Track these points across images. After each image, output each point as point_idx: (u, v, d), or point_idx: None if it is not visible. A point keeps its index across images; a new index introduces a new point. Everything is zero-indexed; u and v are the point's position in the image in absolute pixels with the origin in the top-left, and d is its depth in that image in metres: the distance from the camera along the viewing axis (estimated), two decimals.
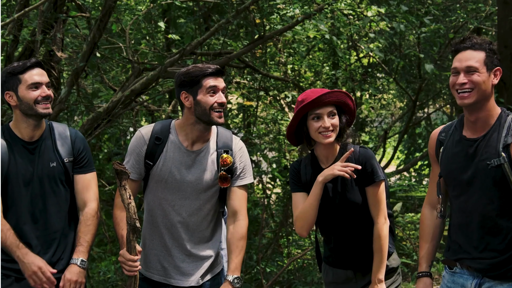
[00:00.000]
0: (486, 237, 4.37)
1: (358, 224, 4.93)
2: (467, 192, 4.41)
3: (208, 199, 4.90)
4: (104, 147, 13.81)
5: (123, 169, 4.27)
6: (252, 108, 12.66)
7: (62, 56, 9.63)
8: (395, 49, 12.85)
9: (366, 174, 4.82)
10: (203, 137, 4.87)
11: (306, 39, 10.99)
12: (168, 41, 12.29)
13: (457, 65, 4.35)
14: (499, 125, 4.36)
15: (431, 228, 4.75)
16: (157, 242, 4.93)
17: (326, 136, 4.76)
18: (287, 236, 12.92)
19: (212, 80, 4.74)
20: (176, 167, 4.82)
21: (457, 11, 12.72)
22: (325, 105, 4.77)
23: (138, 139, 4.88)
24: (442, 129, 4.67)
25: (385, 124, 17.80)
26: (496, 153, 4.29)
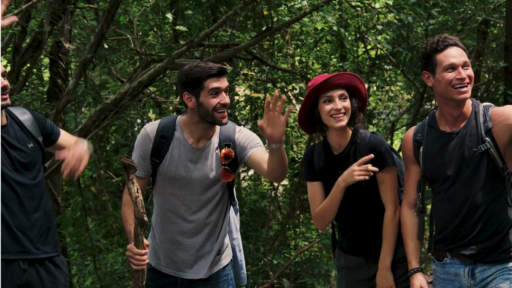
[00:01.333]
0: (479, 223, 4.44)
1: (370, 211, 4.93)
2: (456, 183, 4.48)
3: (216, 192, 4.89)
4: (111, 139, 13.84)
5: (130, 163, 4.26)
6: (260, 100, 12.67)
7: (70, 48, 9.66)
8: (402, 41, 12.82)
9: (375, 160, 4.75)
10: (208, 135, 4.85)
11: (313, 31, 10.98)
12: (176, 33, 12.27)
13: (454, 61, 4.40)
14: (475, 114, 4.48)
15: (413, 226, 4.76)
16: (167, 236, 4.94)
17: (338, 119, 4.73)
18: (294, 228, 12.95)
19: (215, 82, 4.68)
20: (182, 164, 4.82)
21: (465, 3, 12.69)
22: (336, 88, 4.76)
23: (143, 137, 4.87)
24: (416, 130, 4.70)
25: (393, 116, 17.79)
26: (480, 139, 4.40)
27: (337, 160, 4.91)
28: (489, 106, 4.49)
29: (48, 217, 4.86)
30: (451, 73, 4.39)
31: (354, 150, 4.85)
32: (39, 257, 4.77)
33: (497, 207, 4.44)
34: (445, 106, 4.51)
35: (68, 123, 12.38)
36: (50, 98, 10.49)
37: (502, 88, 13.03)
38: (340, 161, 4.90)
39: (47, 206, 4.85)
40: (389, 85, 14.79)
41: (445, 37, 4.47)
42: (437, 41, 4.45)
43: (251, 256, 11.03)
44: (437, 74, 4.44)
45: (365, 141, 4.83)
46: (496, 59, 15.60)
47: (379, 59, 13.10)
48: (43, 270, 4.80)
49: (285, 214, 13.15)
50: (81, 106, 12.06)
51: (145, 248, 4.50)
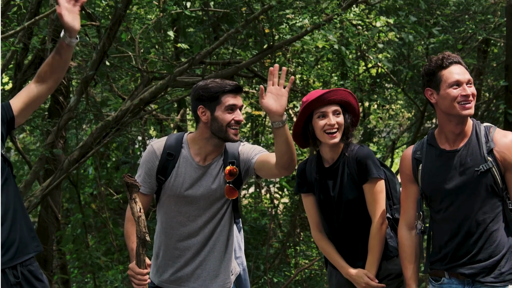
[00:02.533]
0: (479, 242, 4.46)
1: (357, 223, 5.02)
2: (456, 202, 4.49)
3: (221, 208, 4.90)
4: (112, 156, 13.86)
5: (133, 182, 4.26)
6: (261, 118, 12.69)
7: (72, 65, 9.67)
8: (403, 60, 12.85)
9: (361, 172, 4.92)
10: (216, 152, 4.87)
11: (315, 49, 11.00)
12: (177, 50, 12.32)
13: (460, 78, 4.44)
14: (476, 134, 4.51)
15: (412, 248, 4.78)
16: (172, 253, 4.94)
17: (332, 136, 4.86)
18: (295, 246, 12.94)
19: (231, 98, 4.73)
20: (188, 182, 4.83)
21: (465, 22, 12.72)
22: (329, 104, 4.89)
23: (150, 154, 4.88)
24: (415, 148, 4.73)
25: (393, 135, 17.79)
26: (482, 159, 4.42)
27: (328, 173, 5.05)
28: (490, 127, 4.53)
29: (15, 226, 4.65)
30: (456, 89, 4.42)
31: (343, 163, 4.98)
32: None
33: (496, 226, 4.46)
34: (447, 123, 4.52)
35: (70, 140, 12.39)
36: (52, 115, 10.52)
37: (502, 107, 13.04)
38: (331, 173, 5.04)
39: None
40: (390, 104, 14.80)
41: (448, 54, 4.50)
42: (442, 58, 4.48)
43: (252, 274, 11.01)
44: (442, 90, 4.46)
45: (352, 153, 4.97)
46: (497, 78, 15.61)
47: (380, 78, 13.13)
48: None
49: (286, 232, 13.14)
50: (83, 123, 12.08)
51: (146, 268, 4.51)
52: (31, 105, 4.60)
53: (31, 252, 4.70)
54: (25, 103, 4.58)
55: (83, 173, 13.08)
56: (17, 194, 4.67)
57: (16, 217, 4.60)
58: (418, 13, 10.92)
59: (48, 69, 4.54)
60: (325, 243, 5.18)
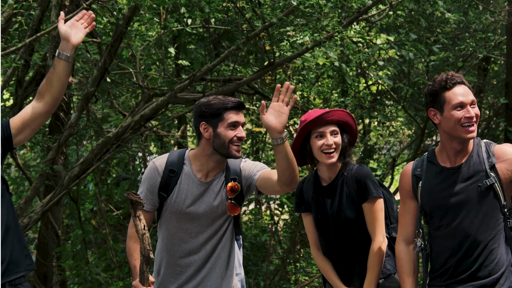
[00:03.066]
0: (479, 259, 4.44)
1: (355, 242, 5.03)
2: (457, 218, 4.48)
3: (222, 225, 4.91)
4: (112, 172, 13.86)
5: (138, 199, 4.25)
6: (261, 135, 12.70)
7: (73, 81, 9.70)
8: (404, 77, 12.87)
9: (360, 191, 4.94)
10: (218, 168, 4.87)
11: (315, 66, 11.02)
12: (178, 67, 12.34)
13: (463, 100, 4.43)
14: (476, 151, 4.51)
15: (410, 262, 4.77)
16: (173, 270, 4.93)
17: (329, 156, 4.89)
18: (295, 263, 12.91)
19: (234, 115, 4.76)
20: (190, 198, 4.83)
21: (466, 40, 12.75)
22: (327, 124, 4.92)
23: (152, 171, 4.88)
24: (415, 165, 4.73)
25: (394, 152, 17.78)
26: (484, 174, 4.42)
27: (325, 191, 5.06)
28: (490, 143, 4.53)
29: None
30: (460, 111, 4.41)
31: (341, 182, 5.00)
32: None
33: (497, 243, 4.45)
34: (450, 142, 4.52)
35: (70, 156, 12.40)
36: (52, 131, 10.53)
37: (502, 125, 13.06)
38: (328, 192, 5.05)
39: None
40: (390, 121, 14.82)
41: (452, 75, 4.49)
42: (446, 79, 4.47)
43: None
44: (446, 112, 4.46)
45: (352, 172, 4.99)
46: (497, 96, 15.64)
47: (380, 95, 13.15)
48: None
49: (286, 249, 13.12)
50: (83, 140, 12.10)
51: (150, 285, 4.49)
52: (30, 124, 4.56)
53: (21, 271, 4.61)
54: (23, 121, 4.55)
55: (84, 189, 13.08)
56: (11, 211, 4.60)
57: (8, 235, 4.54)
58: (418, 31, 10.94)
59: (45, 84, 4.54)
60: (323, 261, 5.19)
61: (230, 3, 9.59)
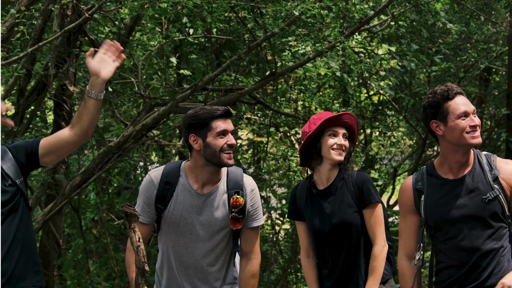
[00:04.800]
0: (487, 270, 4.45)
1: (354, 248, 5.05)
2: (463, 231, 4.48)
3: (221, 240, 4.87)
4: (114, 181, 13.85)
5: (132, 212, 4.22)
6: (263, 144, 12.70)
7: (75, 91, 9.70)
8: (405, 87, 12.89)
9: (362, 196, 5.00)
10: (213, 179, 4.83)
11: (317, 76, 11.04)
12: (180, 77, 12.35)
13: (466, 109, 4.45)
14: (479, 163, 4.53)
15: (412, 277, 4.75)
16: (174, 282, 4.91)
17: (339, 154, 4.98)
18: (296, 273, 12.89)
19: (222, 123, 4.72)
20: (187, 210, 4.80)
21: (467, 51, 12.76)
22: (341, 125, 5.03)
23: (148, 183, 4.85)
24: (415, 179, 4.71)
25: (395, 162, 17.80)
26: (488, 186, 4.44)
27: (322, 194, 5.09)
28: (490, 155, 4.56)
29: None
30: (464, 120, 4.43)
31: (341, 186, 5.04)
32: None
33: (504, 252, 4.46)
34: (453, 153, 4.52)
35: (71, 165, 12.41)
36: None
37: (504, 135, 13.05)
38: (326, 195, 5.08)
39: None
40: (392, 131, 14.83)
41: (451, 85, 4.51)
42: (447, 90, 4.48)
43: None
44: (450, 122, 4.46)
45: (353, 177, 5.05)
46: (498, 106, 15.64)
47: (381, 105, 13.16)
48: None
49: (287, 258, 13.10)
50: (84, 149, 12.09)
51: None
52: (57, 149, 4.53)
53: (27, 286, 4.56)
54: (52, 144, 4.53)
55: (85, 198, 13.09)
56: (22, 226, 4.57)
57: (14, 249, 4.50)
58: (420, 41, 10.96)
59: (76, 115, 4.50)
60: (310, 270, 5.23)
61: (232, 13, 9.60)
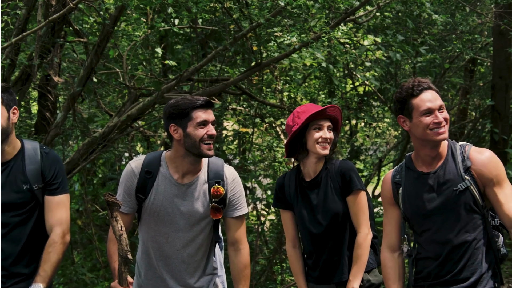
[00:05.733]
0: (461, 262, 4.46)
1: (339, 236, 5.09)
2: (436, 223, 4.50)
3: (202, 230, 4.85)
4: (98, 172, 13.80)
5: (114, 201, 4.23)
6: (248, 135, 12.68)
7: (59, 81, 9.65)
8: (390, 78, 12.90)
9: (345, 184, 5.03)
10: (194, 169, 4.81)
11: (302, 67, 11.03)
12: (165, 67, 12.31)
13: (430, 106, 4.43)
14: (451, 154, 4.53)
15: (396, 269, 4.76)
16: (153, 273, 4.89)
17: (324, 147, 5.00)
18: (281, 263, 12.91)
19: (202, 113, 4.69)
20: (168, 200, 4.78)
21: (453, 42, 12.79)
22: (326, 118, 5.05)
23: (128, 173, 4.83)
24: (394, 172, 4.74)
25: (380, 153, 17.82)
26: (459, 178, 4.44)
27: (309, 186, 5.13)
28: (465, 145, 4.55)
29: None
30: (428, 117, 4.42)
31: (325, 175, 5.08)
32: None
33: (478, 244, 4.46)
34: (422, 148, 4.55)
35: None
36: (38, 131, 10.48)
37: (488, 126, 13.12)
38: (313, 186, 5.12)
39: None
40: (377, 122, 14.84)
41: (419, 81, 4.50)
42: (412, 86, 4.48)
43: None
44: (414, 118, 4.47)
45: (336, 166, 5.09)
46: (483, 97, 15.70)
47: (367, 96, 13.17)
48: None
49: (272, 249, 13.11)
50: (69, 139, 12.04)
51: (128, 286, 4.48)
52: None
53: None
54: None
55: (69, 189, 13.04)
56: (35, 231, 4.82)
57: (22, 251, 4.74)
58: (405, 32, 10.97)
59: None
60: (296, 261, 5.29)
61: (217, 4, 9.57)
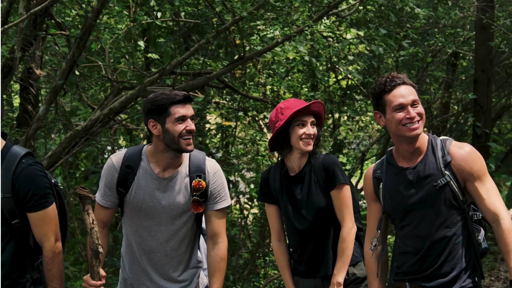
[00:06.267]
0: (441, 257, 4.46)
1: (324, 231, 5.09)
2: (416, 218, 4.49)
3: (184, 224, 4.84)
4: (81, 166, 13.76)
5: (86, 194, 4.23)
6: (231, 129, 12.67)
7: (41, 74, 9.62)
8: (373, 72, 12.92)
9: (328, 179, 5.02)
10: (175, 164, 4.80)
11: (285, 61, 11.03)
12: (148, 60, 12.28)
13: (402, 101, 4.42)
14: (432, 148, 4.51)
15: (375, 264, 4.77)
16: (137, 267, 4.89)
17: (308, 143, 4.98)
18: (264, 257, 12.91)
19: (181, 108, 4.67)
20: (149, 194, 4.77)
21: (435, 36, 12.82)
22: (309, 114, 5.03)
23: (109, 167, 4.82)
24: (375, 167, 4.74)
25: (363, 146, 17.84)
26: (439, 173, 4.42)
27: (294, 181, 5.13)
28: (446, 140, 4.54)
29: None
30: (400, 112, 4.42)
31: (309, 170, 5.08)
32: None
33: (459, 239, 4.45)
34: (400, 143, 4.54)
35: (38, 149, 12.30)
36: (20, 124, 10.44)
37: (471, 120, 13.17)
38: (297, 181, 5.12)
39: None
40: (360, 115, 14.85)
41: (392, 76, 4.50)
42: (385, 82, 4.48)
43: None
44: (388, 114, 4.48)
45: (319, 161, 5.08)
46: (465, 91, 15.75)
47: (350, 89, 13.19)
48: None
49: (255, 243, 13.12)
50: (51, 133, 11.99)
51: (100, 280, 4.47)
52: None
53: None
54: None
55: None
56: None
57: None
58: (388, 26, 10.99)
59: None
60: (282, 255, 5.28)
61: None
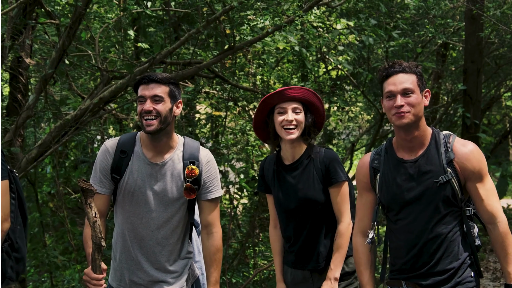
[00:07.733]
0: (437, 254, 4.44)
1: (317, 224, 5.09)
2: (413, 213, 4.47)
3: (176, 211, 4.84)
4: (70, 155, 13.74)
5: (88, 187, 4.21)
6: (221, 119, 12.67)
7: (31, 63, 9.58)
8: (363, 62, 12.93)
9: (328, 175, 5.01)
10: (163, 149, 4.80)
11: (275, 51, 11.02)
12: (138, 50, 12.26)
13: (392, 89, 4.42)
14: (435, 143, 4.47)
15: (367, 254, 4.78)
16: (128, 255, 4.88)
17: (289, 132, 4.93)
18: (254, 247, 12.92)
19: (142, 89, 4.68)
20: (142, 179, 4.77)
21: (425, 26, 12.84)
22: (290, 100, 4.95)
23: (103, 152, 4.83)
24: (372, 156, 4.71)
25: (353, 137, 17.88)
26: (441, 170, 4.39)
27: (288, 170, 5.11)
28: (449, 135, 4.49)
29: None
30: (390, 100, 4.43)
31: (308, 163, 5.05)
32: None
33: (454, 237, 4.44)
34: (397, 132, 4.55)
35: (28, 138, 12.27)
36: (10, 113, 10.40)
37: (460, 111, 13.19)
38: (291, 170, 5.11)
39: None
40: (350, 106, 14.88)
41: (392, 64, 4.50)
42: (383, 69, 4.50)
43: None
44: (383, 101, 4.51)
45: (320, 156, 5.04)
46: (455, 82, 15.78)
47: (339, 80, 13.20)
48: None
49: (245, 233, 13.13)
50: (41, 122, 11.97)
51: (102, 273, 4.47)
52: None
53: None
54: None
55: (41, 171, 12.97)
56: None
57: None
58: (378, 16, 11.00)
59: None
60: (276, 241, 5.32)
61: None
